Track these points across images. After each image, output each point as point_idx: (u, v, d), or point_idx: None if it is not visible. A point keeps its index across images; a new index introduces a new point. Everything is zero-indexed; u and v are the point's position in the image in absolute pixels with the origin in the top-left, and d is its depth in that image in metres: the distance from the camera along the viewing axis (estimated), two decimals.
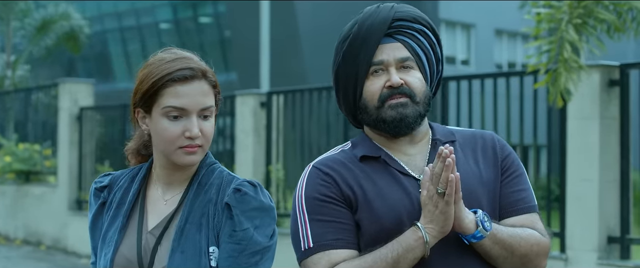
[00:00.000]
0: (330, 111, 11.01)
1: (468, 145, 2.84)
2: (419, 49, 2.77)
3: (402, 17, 2.77)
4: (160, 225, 2.66)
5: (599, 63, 8.06)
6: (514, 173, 2.82)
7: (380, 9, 2.79)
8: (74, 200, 14.80)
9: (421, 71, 2.77)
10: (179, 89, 2.58)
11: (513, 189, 2.80)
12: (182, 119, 2.59)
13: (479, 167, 2.79)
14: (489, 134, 2.89)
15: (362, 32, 2.75)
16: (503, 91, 9.03)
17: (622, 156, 8.01)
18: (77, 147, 14.79)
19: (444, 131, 2.86)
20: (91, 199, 2.81)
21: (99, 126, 15.07)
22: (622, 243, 7.96)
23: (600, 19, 7.83)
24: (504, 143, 2.87)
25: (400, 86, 2.72)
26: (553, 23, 7.84)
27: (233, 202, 2.60)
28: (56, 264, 13.48)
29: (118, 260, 2.65)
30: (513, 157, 2.86)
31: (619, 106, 8.04)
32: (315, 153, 11.28)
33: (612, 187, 8.01)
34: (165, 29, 31.79)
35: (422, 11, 2.88)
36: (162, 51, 2.69)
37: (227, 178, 2.68)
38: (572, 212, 8.19)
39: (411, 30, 2.77)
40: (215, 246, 2.60)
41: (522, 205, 2.80)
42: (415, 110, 2.73)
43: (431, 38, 2.81)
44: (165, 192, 2.70)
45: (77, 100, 14.92)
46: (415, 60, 2.76)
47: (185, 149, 2.60)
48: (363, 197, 2.71)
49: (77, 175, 14.80)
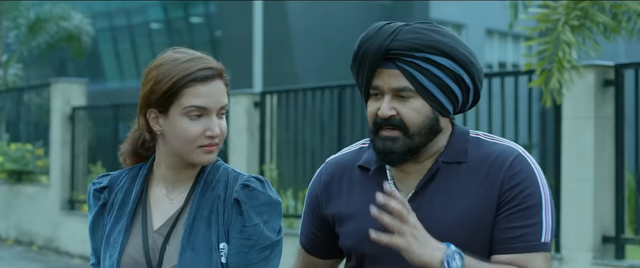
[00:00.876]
0: (325, 111, 11.01)
1: (476, 167, 2.65)
2: (423, 78, 2.58)
3: (398, 47, 2.58)
4: (167, 224, 2.66)
5: (593, 63, 8.08)
6: (517, 207, 2.59)
7: (379, 33, 2.62)
8: (66, 200, 14.77)
9: (429, 99, 2.59)
10: (200, 88, 2.58)
11: (510, 225, 2.59)
12: (202, 118, 2.60)
13: (470, 196, 2.62)
14: (507, 155, 2.65)
15: (360, 54, 2.65)
16: (497, 91, 9.06)
17: (617, 156, 8.03)
18: (70, 147, 14.77)
19: (459, 149, 2.68)
20: (90, 200, 2.79)
21: (91, 126, 15.05)
22: (617, 243, 7.98)
23: (596, 20, 7.86)
24: (516, 171, 2.61)
25: (391, 118, 2.60)
26: (549, 23, 7.86)
27: (242, 198, 2.62)
28: (49, 264, 13.46)
29: (124, 261, 2.64)
30: (522, 187, 2.60)
31: (614, 106, 8.06)
32: (309, 153, 11.30)
33: (607, 187, 8.03)
34: (156, 28, 31.76)
35: (411, 12, 2.78)
36: (172, 51, 2.68)
37: (233, 175, 2.69)
38: (566, 212, 8.21)
39: (412, 58, 2.58)
40: (225, 242, 2.61)
41: (517, 242, 2.58)
42: (405, 144, 2.60)
43: (446, 65, 2.59)
44: (170, 191, 2.70)
45: (70, 100, 14.89)
46: (417, 90, 2.58)
47: (205, 148, 2.61)
48: (347, 211, 2.74)
49: (69, 175, 14.78)
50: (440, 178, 2.65)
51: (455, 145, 2.68)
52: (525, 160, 2.63)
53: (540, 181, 2.63)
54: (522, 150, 2.67)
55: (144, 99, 2.66)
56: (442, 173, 2.65)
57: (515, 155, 2.64)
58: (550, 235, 2.61)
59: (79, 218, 14.31)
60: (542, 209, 2.60)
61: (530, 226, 2.58)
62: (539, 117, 8.97)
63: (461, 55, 2.60)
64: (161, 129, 2.65)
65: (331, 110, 10.87)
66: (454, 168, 2.65)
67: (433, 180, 2.65)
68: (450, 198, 2.62)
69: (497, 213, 2.60)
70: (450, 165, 2.65)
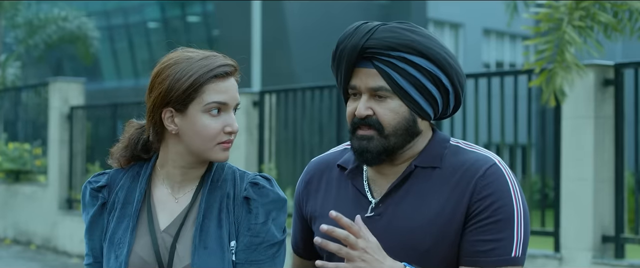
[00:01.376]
0: (323, 110, 11.01)
1: (449, 173, 2.62)
2: (399, 78, 2.57)
3: (373, 46, 2.57)
4: (174, 223, 2.65)
5: (593, 62, 8.08)
6: (486, 219, 2.54)
7: (356, 32, 2.62)
8: (64, 200, 14.77)
9: (406, 100, 2.58)
10: (220, 84, 2.60)
11: (479, 238, 2.54)
12: (221, 114, 2.61)
13: (440, 201, 2.59)
14: (481, 164, 2.61)
15: (338, 53, 2.65)
16: (497, 91, 9.05)
17: (617, 155, 8.04)
18: (68, 146, 14.77)
19: (435, 154, 2.65)
20: (87, 199, 2.76)
21: (89, 125, 15.04)
22: (617, 243, 7.98)
23: (598, 20, 7.86)
24: (489, 182, 2.57)
25: (367, 117, 2.60)
26: (552, 23, 7.86)
27: (253, 196, 2.63)
28: (47, 264, 13.45)
29: (133, 261, 2.62)
30: (493, 198, 2.55)
31: (614, 105, 8.06)
32: (307, 152, 11.30)
33: (607, 186, 8.04)
34: (154, 28, 31.73)
35: (409, 11, 2.75)
36: (181, 50, 2.68)
37: (239, 173, 2.70)
38: (566, 211, 8.22)
39: (387, 57, 2.57)
40: (235, 240, 2.61)
41: (485, 257, 2.54)
42: (380, 144, 2.59)
43: (421, 64, 2.58)
44: (176, 191, 2.69)
45: (68, 100, 14.89)
46: (393, 90, 2.57)
47: (223, 145, 2.62)
48: (320, 210, 2.75)
49: (67, 174, 14.78)
50: (413, 181, 2.64)
51: (432, 150, 2.66)
52: (499, 171, 2.59)
53: (514, 194, 2.58)
54: (499, 161, 2.63)
55: (160, 98, 2.62)
56: (415, 177, 2.64)
57: (490, 165, 2.60)
58: (521, 250, 2.55)
59: (77, 218, 14.30)
60: (514, 223, 2.55)
61: (500, 240, 2.53)
62: (538, 116, 8.96)
63: (438, 55, 2.58)
64: (177, 128, 2.63)
65: (330, 109, 10.87)
66: (427, 173, 2.63)
67: (405, 183, 2.64)
68: (420, 202, 2.61)
69: (466, 225, 2.57)
70: (424, 169, 2.63)
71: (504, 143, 9.30)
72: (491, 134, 9.10)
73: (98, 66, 32.03)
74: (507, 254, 2.53)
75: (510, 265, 2.54)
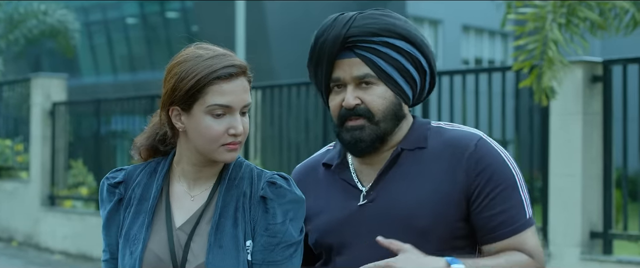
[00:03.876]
0: (309, 106, 11.00)
1: (438, 152, 2.64)
2: (383, 63, 2.61)
3: (356, 34, 2.62)
4: (190, 221, 2.63)
5: (582, 59, 8.12)
6: (492, 193, 2.58)
7: (335, 23, 2.65)
8: (46, 196, 14.70)
9: (391, 84, 2.62)
10: (224, 86, 2.55)
11: (492, 212, 2.57)
12: (225, 116, 2.57)
13: (434, 179, 2.61)
14: (469, 140, 2.64)
15: (318, 48, 2.67)
16: (485, 88, 9.06)
17: (605, 152, 8.07)
18: (50, 143, 14.69)
19: (418, 136, 2.69)
20: (104, 195, 2.75)
21: (72, 121, 14.98)
22: (605, 239, 8.02)
23: (583, 17, 7.88)
24: (481, 155, 2.60)
25: (355, 107, 2.62)
26: (538, 22, 7.87)
27: (270, 195, 2.60)
28: (29, 260, 13.38)
29: (147, 258, 2.61)
30: (491, 171, 2.59)
31: (602, 102, 8.10)
32: (293, 148, 11.28)
33: (595, 183, 8.07)
34: (132, 23, 31.62)
35: (389, 8, 2.79)
36: (194, 46, 2.65)
37: (257, 172, 2.68)
38: (554, 207, 8.25)
39: (370, 43, 2.61)
40: (251, 240, 2.59)
41: (505, 228, 2.57)
42: (373, 131, 2.62)
43: (403, 47, 2.62)
44: (192, 188, 2.67)
45: (50, 95, 14.81)
46: (378, 75, 2.61)
47: (228, 146, 2.58)
48: (313, 210, 2.75)
49: (49, 170, 14.71)
50: (401, 164, 2.66)
51: (415, 132, 2.69)
52: (487, 144, 2.63)
53: (508, 160, 2.62)
54: (483, 135, 2.67)
55: (167, 95, 2.61)
56: (403, 160, 2.66)
57: (477, 139, 2.63)
58: (531, 209, 2.62)
59: (59, 214, 14.24)
60: (518, 187, 2.60)
61: (512, 208, 2.57)
62: (526, 113, 8.98)
63: (415, 37, 2.63)
64: (184, 126, 2.62)
65: (316, 105, 10.86)
66: (415, 155, 2.66)
67: (393, 167, 2.66)
68: (411, 183, 2.62)
69: (473, 204, 2.59)
70: (411, 152, 2.66)
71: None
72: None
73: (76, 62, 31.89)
74: (523, 217, 2.57)
75: (527, 227, 2.59)
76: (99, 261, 13.15)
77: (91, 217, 13.58)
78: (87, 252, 13.55)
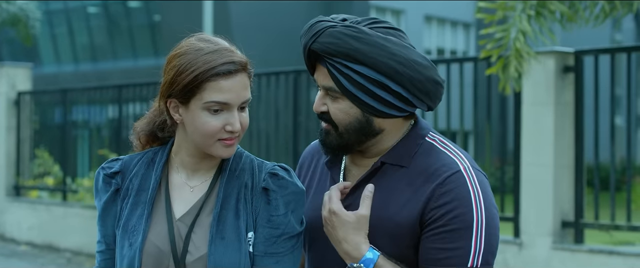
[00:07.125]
0: (279, 96, 10.99)
1: (414, 175, 2.57)
2: (345, 82, 2.53)
3: (318, 49, 2.55)
4: (190, 212, 2.61)
5: (553, 49, 8.17)
6: (441, 228, 2.48)
7: (308, 31, 2.59)
8: (11, 186, 14.58)
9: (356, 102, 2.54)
10: (222, 83, 2.51)
11: (434, 245, 2.49)
12: (223, 112, 2.53)
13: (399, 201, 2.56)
14: (443, 171, 2.53)
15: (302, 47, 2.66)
16: (456, 78, 9.10)
17: (577, 141, 8.14)
18: (15, 133, 14.57)
19: (406, 151, 2.61)
20: (100, 186, 2.71)
21: (37, 111, 14.86)
22: (576, 228, 8.09)
23: (552, 10, 7.94)
24: (446, 190, 2.49)
25: (321, 114, 2.62)
26: (507, 11, 7.92)
27: (272, 187, 2.58)
28: None
29: (147, 249, 2.58)
30: (449, 208, 2.47)
31: (574, 92, 8.16)
32: (263, 138, 11.27)
33: (567, 172, 8.14)
34: (94, 12, 31.40)
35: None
36: (196, 38, 2.61)
37: (257, 163, 2.66)
38: (526, 197, 8.30)
39: (332, 61, 2.53)
40: (252, 231, 2.58)
41: (439, 265, 2.47)
42: (335, 140, 2.61)
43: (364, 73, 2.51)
44: (191, 179, 2.65)
45: (15, 85, 14.68)
46: (342, 91, 2.54)
47: (224, 142, 2.55)
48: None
49: (15, 160, 14.59)
50: (379, 178, 2.62)
51: (404, 147, 2.62)
52: (461, 179, 2.51)
53: (475, 203, 2.49)
54: (466, 168, 2.54)
55: (166, 87, 2.58)
56: (383, 173, 2.62)
57: (453, 172, 2.52)
58: (480, 261, 2.47)
59: (24, 205, 14.13)
60: (472, 232, 2.47)
61: (455, 249, 2.46)
62: (498, 103, 9.04)
63: (381, 65, 2.49)
64: (181, 118, 2.59)
65: (286, 95, 10.84)
66: (394, 171, 2.61)
67: (372, 178, 2.63)
68: (382, 199, 2.58)
69: (422, 231, 2.51)
70: (392, 166, 2.61)
71: (463, 130, 9.36)
72: (450, 121, 9.15)
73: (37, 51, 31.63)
74: (463, 264, 2.45)
75: None
76: (65, 251, 13.07)
77: (57, 208, 13.49)
78: (54, 242, 13.46)
